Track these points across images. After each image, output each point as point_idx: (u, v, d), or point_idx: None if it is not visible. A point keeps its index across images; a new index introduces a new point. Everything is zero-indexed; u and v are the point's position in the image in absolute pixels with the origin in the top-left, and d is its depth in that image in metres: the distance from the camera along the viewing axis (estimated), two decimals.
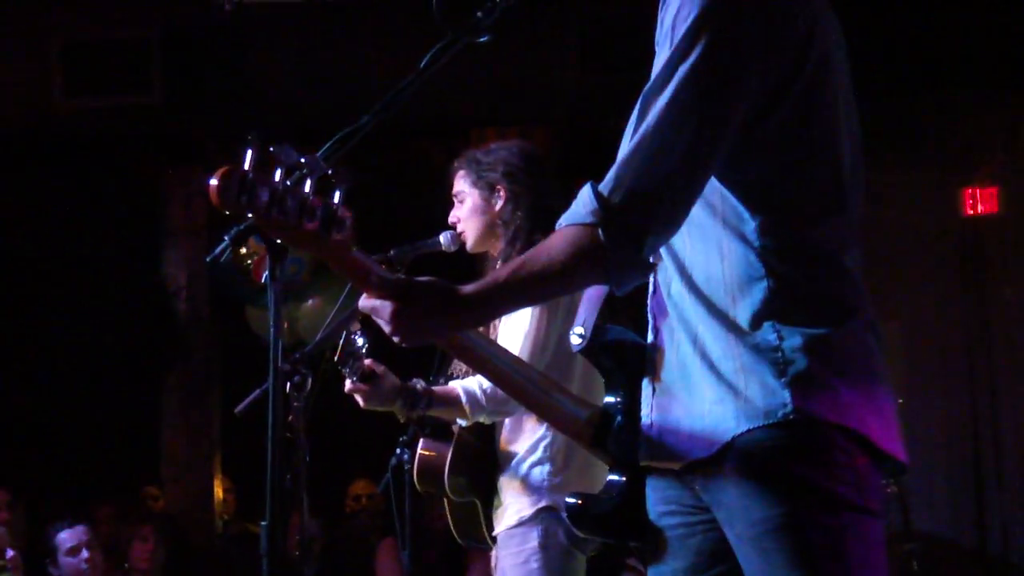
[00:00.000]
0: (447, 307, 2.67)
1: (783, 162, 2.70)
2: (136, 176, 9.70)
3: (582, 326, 2.96)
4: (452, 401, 4.42)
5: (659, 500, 2.91)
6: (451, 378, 4.59)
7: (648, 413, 2.88)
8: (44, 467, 9.62)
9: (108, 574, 7.66)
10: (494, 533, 4.56)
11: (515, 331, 4.41)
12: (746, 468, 2.70)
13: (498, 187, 4.59)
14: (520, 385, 2.99)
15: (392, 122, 2.79)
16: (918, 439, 8.43)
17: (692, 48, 2.62)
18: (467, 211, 4.65)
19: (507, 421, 4.54)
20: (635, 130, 2.67)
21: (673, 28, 2.66)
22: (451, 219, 4.69)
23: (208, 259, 2.71)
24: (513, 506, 4.49)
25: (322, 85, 8.38)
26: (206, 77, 8.43)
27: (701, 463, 2.76)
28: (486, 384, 4.32)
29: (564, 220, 2.69)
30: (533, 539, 4.43)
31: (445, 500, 4.72)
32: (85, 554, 7.00)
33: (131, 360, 9.73)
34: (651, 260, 2.73)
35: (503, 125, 8.77)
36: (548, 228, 4.39)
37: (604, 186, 2.64)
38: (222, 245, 2.58)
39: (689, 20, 2.63)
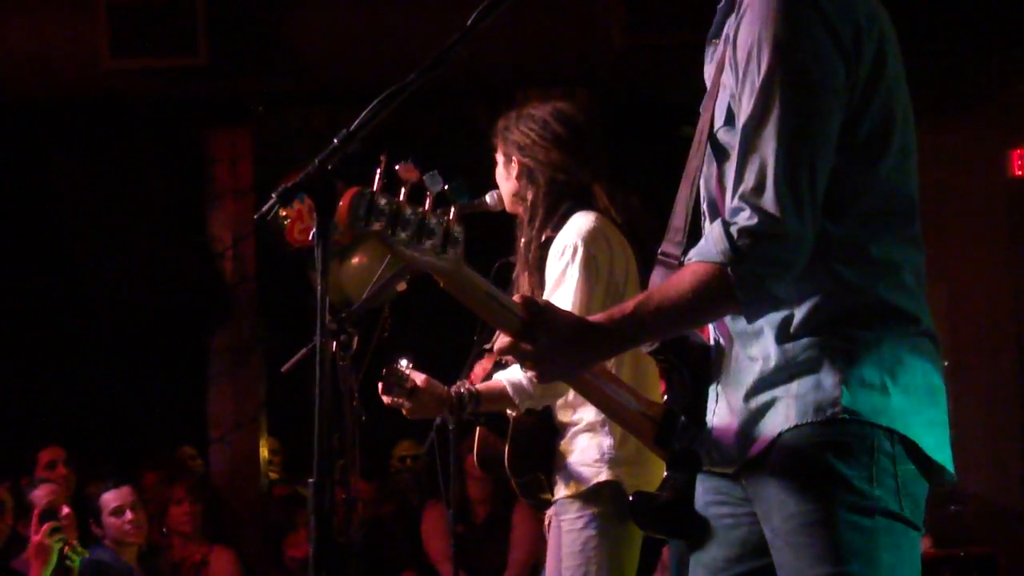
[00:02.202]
0: (585, 347, 2.72)
1: (854, 171, 2.71)
2: (182, 137, 9.72)
3: None
4: (499, 396, 4.43)
5: (708, 489, 2.93)
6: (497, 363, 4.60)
7: (710, 417, 2.90)
8: (91, 428, 9.67)
9: (151, 535, 7.71)
10: (554, 498, 4.57)
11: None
12: (788, 462, 2.71)
13: (514, 159, 4.59)
14: (582, 380, 3.00)
15: (437, 82, 2.79)
16: (963, 401, 8.39)
17: (782, 84, 2.65)
18: (497, 175, 4.68)
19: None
20: (744, 163, 2.68)
21: (758, 53, 2.68)
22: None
23: (256, 216, 2.72)
24: (573, 476, 4.49)
25: (366, 45, 8.37)
26: (251, 38, 8.44)
27: (751, 461, 2.78)
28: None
29: (695, 255, 2.72)
30: (592, 507, 4.43)
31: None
32: (129, 515, 7.03)
33: (177, 321, 9.77)
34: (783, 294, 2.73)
35: (546, 86, 8.75)
36: (576, 204, 4.43)
37: (732, 226, 2.65)
38: (270, 203, 2.59)
39: (771, 49, 2.65)
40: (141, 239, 9.82)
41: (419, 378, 4.49)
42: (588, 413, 4.48)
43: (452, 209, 2.57)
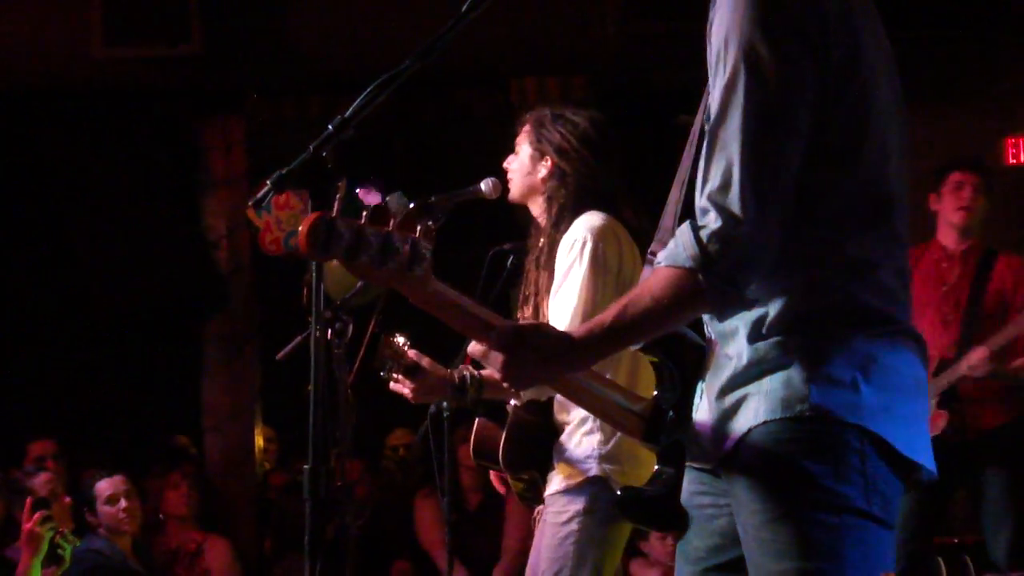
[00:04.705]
0: (558, 355, 2.74)
1: (825, 171, 2.71)
2: (175, 126, 9.70)
3: None
4: (501, 384, 4.44)
5: (693, 480, 2.95)
6: None
7: (694, 413, 2.91)
8: (85, 417, 9.66)
9: (146, 524, 7.72)
10: (545, 494, 4.58)
11: (562, 307, 4.41)
12: (756, 459, 2.73)
13: (547, 158, 4.61)
14: (567, 382, 3.02)
15: (433, 71, 2.79)
16: None
17: (746, 83, 2.65)
18: (517, 164, 4.70)
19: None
20: (710, 161, 2.69)
21: (725, 53, 2.68)
22: (505, 163, 4.73)
23: (251, 203, 2.73)
24: (563, 471, 4.51)
25: (361, 33, 8.37)
26: (245, 26, 8.43)
27: (724, 457, 2.79)
28: None
29: (664, 259, 2.73)
30: (579, 503, 4.45)
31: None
32: (123, 503, 7.05)
33: (171, 310, 9.76)
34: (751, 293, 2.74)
35: (542, 75, 8.75)
36: (600, 209, 4.44)
37: (703, 230, 2.66)
38: (264, 190, 2.60)
39: (737, 49, 2.65)
40: (135, 228, 9.80)
41: (422, 360, 4.50)
42: (575, 413, 4.49)
43: (418, 228, 2.58)
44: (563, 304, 4.41)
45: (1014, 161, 9.02)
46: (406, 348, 4.51)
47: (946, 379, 6.63)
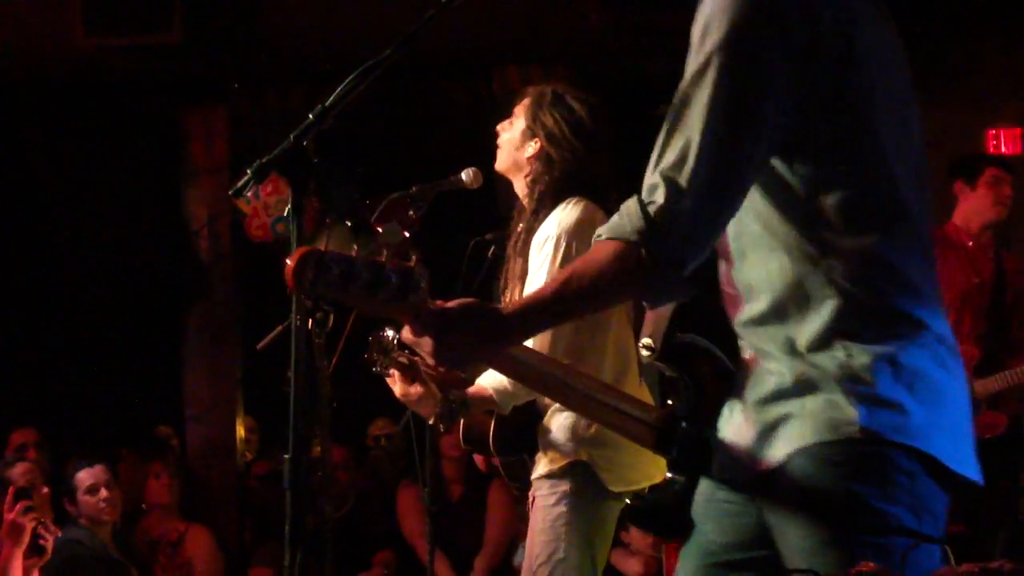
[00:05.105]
0: (488, 333, 2.71)
1: (832, 176, 2.70)
2: (157, 115, 9.68)
3: (651, 338, 2.96)
4: (486, 401, 4.44)
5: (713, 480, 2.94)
6: None
7: (723, 429, 2.90)
8: (66, 407, 9.65)
9: (127, 514, 7.70)
10: (532, 478, 4.59)
11: None
12: (803, 481, 2.71)
13: (536, 139, 4.58)
14: (569, 393, 3.02)
15: (415, 60, 2.79)
16: None
17: (717, 61, 2.63)
18: (508, 136, 4.66)
19: None
20: (667, 142, 2.67)
21: (703, 33, 2.66)
22: (499, 127, 4.72)
23: (231, 192, 2.72)
24: (548, 456, 4.52)
25: (343, 23, 8.35)
26: (226, 15, 8.40)
27: (763, 476, 2.77)
28: None
29: (608, 232, 2.70)
30: (564, 485, 4.46)
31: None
32: (104, 493, 7.03)
33: (152, 299, 9.75)
34: (688, 280, 2.71)
35: (525, 64, 8.74)
36: (584, 196, 4.42)
37: (651, 205, 2.64)
38: (245, 178, 2.59)
39: (718, 32, 2.64)
40: (116, 217, 9.79)
41: (415, 359, 4.49)
42: None
43: (412, 256, 2.57)
44: None
45: (995, 151, 9.03)
46: (395, 344, 4.49)
47: (996, 385, 6.70)
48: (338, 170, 2.57)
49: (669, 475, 2.97)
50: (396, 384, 4.53)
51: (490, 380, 4.42)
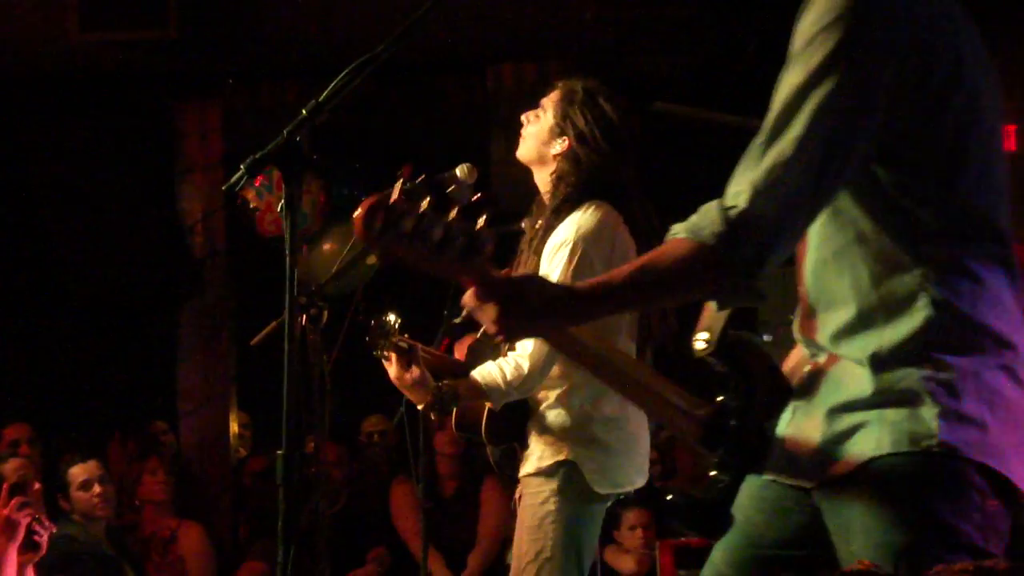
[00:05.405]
0: (553, 307, 2.65)
1: (931, 188, 2.68)
2: (151, 111, 9.68)
3: (708, 331, 2.93)
4: (479, 395, 4.44)
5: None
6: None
7: (784, 429, 2.88)
8: (59, 402, 9.64)
9: (120, 509, 7.69)
10: (519, 475, 4.59)
11: None
12: (878, 491, 2.68)
13: (565, 137, 4.56)
14: (623, 378, 3.00)
15: (409, 57, 2.79)
16: None
17: (826, 78, 2.60)
18: (535, 129, 4.63)
19: None
20: (765, 149, 2.63)
21: (809, 44, 2.63)
22: (523, 117, 4.69)
23: (224, 188, 2.72)
24: (536, 453, 4.53)
25: (337, 19, 8.34)
26: (221, 11, 8.40)
27: (831, 480, 2.75)
28: (510, 375, 4.36)
29: (685, 230, 2.67)
30: (552, 483, 4.46)
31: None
32: (97, 488, 7.02)
33: (146, 295, 9.74)
34: (760, 289, 2.69)
35: (519, 61, 8.74)
36: (607, 199, 4.41)
37: (732, 210, 2.61)
38: (238, 174, 2.58)
39: (826, 48, 2.61)
40: (110, 213, 9.77)
41: (417, 353, 4.49)
42: (555, 391, 4.50)
43: (482, 217, 2.51)
44: None
45: (1013, 148, 9.03)
46: (396, 327, 4.49)
47: None
48: (339, 166, 2.56)
49: (713, 473, 2.93)
50: (392, 367, 4.53)
51: (484, 375, 4.42)
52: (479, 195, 2.47)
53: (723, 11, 7.77)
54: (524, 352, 4.37)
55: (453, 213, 2.48)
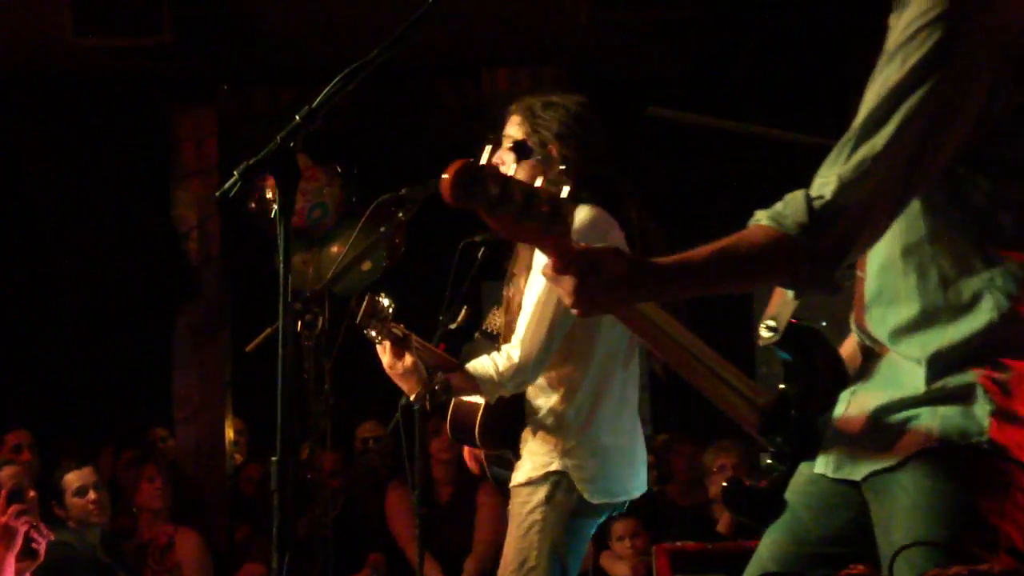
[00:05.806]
0: (631, 281, 2.61)
1: (1012, 193, 2.68)
2: (147, 116, 9.68)
3: (775, 319, 2.93)
4: (471, 388, 4.43)
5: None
6: (485, 333, 4.59)
7: (838, 419, 2.87)
8: (55, 408, 9.63)
9: (116, 516, 7.68)
10: (510, 485, 4.58)
11: (522, 318, 4.38)
12: (923, 483, 2.67)
13: (550, 147, 4.47)
14: (688, 360, 2.97)
15: (404, 61, 2.79)
16: None
17: (925, 79, 2.58)
18: (506, 156, 4.48)
19: None
20: (857, 144, 2.62)
21: (909, 41, 2.61)
22: (495, 159, 4.61)
23: (218, 194, 2.71)
24: (526, 463, 4.52)
25: (332, 24, 8.35)
26: (217, 16, 8.40)
27: (878, 473, 2.74)
28: (502, 366, 4.34)
29: (768, 218, 2.65)
30: (540, 494, 4.45)
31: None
32: (92, 495, 7.00)
33: (142, 301, 9.74)
34: (837, 281, 2.67)
35: (514, 65, 8.74)
36: (598, 199, 4.38)
37: (817, 200, 2.60)
38: (232, 180, 2.58)
39: (927, 46, 2.59)
40: (106, 218, 9.78)
41: (411, 342, 4.47)
42: (549, 401, 4.49)
43: (566, 188, 2.50)
44: (523, 314, 4.39)
45: None
46: (389, 313, 4.46)
47: None
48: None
49: (770, 462, 2.94)
50: (385, 354, 4.50)
51: (476, 367, 4.40)
52: (563, 166, 2.43)
53: (718, 16, 7.78)
54: (516, 343, 4.35)
55: (540, 181, 2.47)
